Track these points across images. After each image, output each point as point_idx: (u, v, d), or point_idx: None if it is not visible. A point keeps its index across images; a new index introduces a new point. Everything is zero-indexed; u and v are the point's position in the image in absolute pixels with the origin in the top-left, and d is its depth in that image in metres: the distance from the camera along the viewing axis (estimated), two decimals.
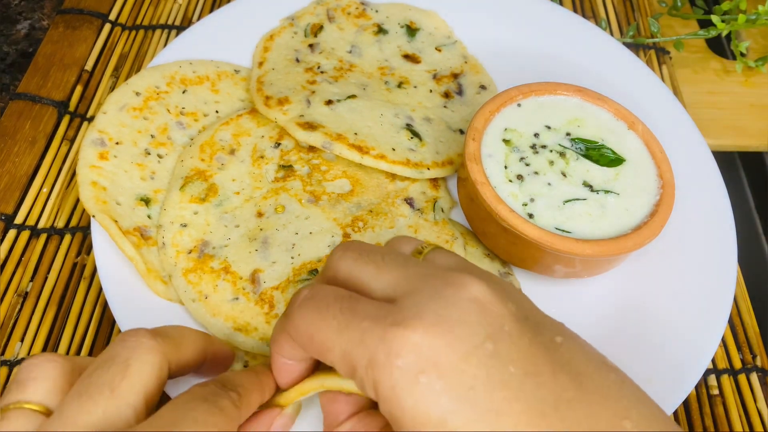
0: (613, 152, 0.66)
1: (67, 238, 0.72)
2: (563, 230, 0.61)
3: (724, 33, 0.88)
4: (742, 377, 0.67)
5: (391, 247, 0.50)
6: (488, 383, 0.36)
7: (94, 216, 0.63)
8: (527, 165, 0.65)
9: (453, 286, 0.40)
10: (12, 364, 0.64)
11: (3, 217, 0.73)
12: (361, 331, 0.39)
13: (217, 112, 0.76)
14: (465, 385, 0.36)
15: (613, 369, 0.41)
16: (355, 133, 0.71)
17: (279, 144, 0.72)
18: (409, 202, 0.69)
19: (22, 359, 0.64)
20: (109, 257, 0.63)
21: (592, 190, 0.64)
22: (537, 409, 0.36)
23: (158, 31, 0.91)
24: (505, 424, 0.36)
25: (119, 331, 0.65)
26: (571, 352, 0.40)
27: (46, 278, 0.69)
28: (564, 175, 0.65)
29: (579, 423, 0.36)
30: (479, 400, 0.36)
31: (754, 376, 0.67)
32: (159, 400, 0.44)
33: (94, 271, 0.69)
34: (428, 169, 0.70)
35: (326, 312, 0.41)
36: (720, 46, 0.99)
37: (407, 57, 0.82)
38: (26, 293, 0.68)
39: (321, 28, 0.83)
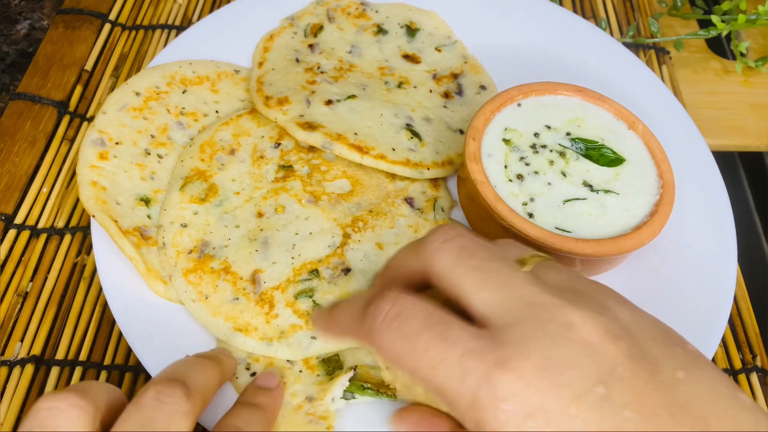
0: (613, 152, 0.66)
1: (67, 238, 0.72)
2: (563, 230, 0.61)
3: (724, 33, 0.88)
4: (742, 377, 0.67)
5: (497, 247, 0.45)
6: (601, 428, 0.34)
7: (94, 216, 0.63)
8: (527, 164, 0.65)
9: (560, 323, 0.37)
10: (12, 364, 0.64)
11: (3, 217, 0.73)
12: (462, 369, 0.36)
13: (217, 112, 0.76)
14: (576, 430, 0.35)
15: (748, 406, 0.37)
16: (355, 133, 0.71)
17: (279, 144, 0.72)
18: (409, 201, 0.69)
19: (22, 359, 0.64)
20: (109, 257, 0.63)
21: (592, 190, 0.64)
22: None
23: (158, 31, 0.91)
24: None
25: (119, 331, 0.66)
26: (696, 389, 0.37)
27: (46, 278, 0.69)
28: (564, 174, 0.65)
29: None
30: None
31: (754, 376, 0.67)
32: None
33: (94, 271, 0.69)
34: (428, 169, 0.70)
35: (416, 340, 0.38)
36: (720, 46, 0.99)
37: (407, 57, 0.82)
38: (26, 293, 0.68)
39: (321, 28, 0.83)
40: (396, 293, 0.42)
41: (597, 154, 0.66)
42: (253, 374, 0.58)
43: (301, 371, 0.59)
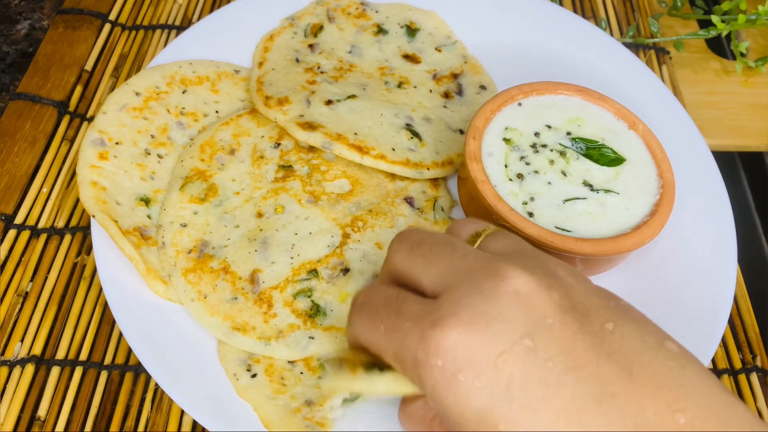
0: (614, 152, 0.66)
1: (67, 238, 0.72)
2: (563, 229, 0.61)
3: (724, 33, 0.88)
4: (742, 377, 0.67)
5: (450, 232, 0.49)
6: (525, 381, 0.36)
7: (94, 216, 0.63)
8: (527, 164, 0.65)
9: (493, 278, 0.39)
10: (12, 364, 0.64)
11: (3, 217, 0.73)
12: (404, 333, 0.39)
13: (217, 112, 0.76)
14: (501, 384, 0.36)
15: (675, 354, 0.38)
16: (355, 133, 0.71)
17: (279, 144, 0.72)
18: (409, 201, 0.69)
19: (22, 359, 0.64)
20: (109, 257, 0.63)
21: (592, 190, 0.64)
22: (576, 405, 0.35)
23: (158, 31, 0.91)
24: (542, 422, 0.35)
25: (119, 331, 0.66)
26: (623, 339, 0.38)
27: (46, 278, 0.69)
28: (564, 174, 0.65)
29: (623, 417, 0.35)
30: (515, 398, 0.36)
31: (754, 376, 0.67)
32: None
33: (94, 271, 0.69)
34: (428, 169, 0.70)
35: (376, 317, 0.42)
36: (720, 46, 0.99)
37: (407, 57, 0.82)
38: (26, 293, 0.68)
39: (321, 28, 0.83)
40: (369, 286, 0.46)
41: (597, 153, 0.66)
42: (254, 375, 0.58)
43: (302, 373, 0.59)
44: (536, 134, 0.67)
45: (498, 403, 0.36)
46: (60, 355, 0.65)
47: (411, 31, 0.84)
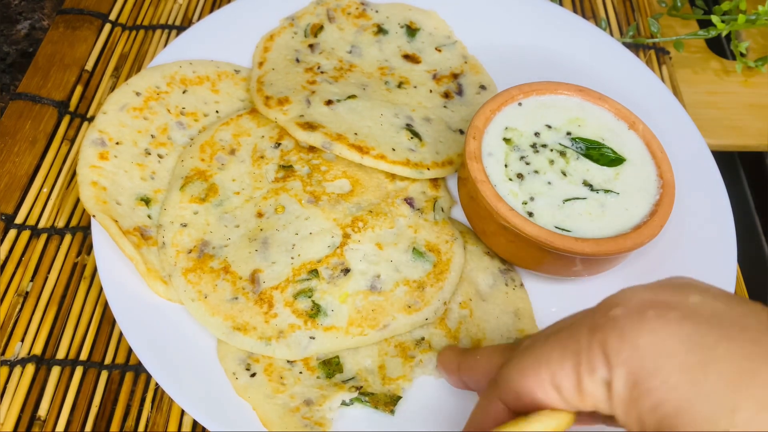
0: (614, 152, 0.66)
1: (68, 238, 0.72)
2: (563, 229, 0.61)
3: (724, 33, 0.88)
4: None
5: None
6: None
7: (94, 216, 0.63)
8: (527, 164, 0.65)
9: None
10: (12, 364, 0.64)
11: (3, 217, 0.73)
12: (570, 334, 0.40)
13: (217, 112, 0.76)
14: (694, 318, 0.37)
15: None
16: (355, 133, 0.71)
17: (279, 144, 0.72)
18: (409, 202, 0.69)
19: (23, 359, 0.64)
20: (110, 257, 0.63)
21: (592, 190, 0.64)
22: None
23: (158, 31, 0.91)
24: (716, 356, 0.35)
25: (119, 330, 0.66)
26: None
27: (46, 278, 0.69)
28: (564, 174, 0.65)
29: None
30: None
31: None
32: None
33: (95, 271, 0.69)
34: (428, 169, 0.70)
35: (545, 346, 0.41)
36: (720, 46, 0.99)
37: (407, 57, 0.82)
38: (26, 293, 0.68)
39: (321, 28, 0.83)
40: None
41: (597, 153, 0.66)
42: (253, 375, 0.58)
43: (301, 372, 0.59)
44: (536, 134, 0.67)
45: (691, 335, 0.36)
46: (60, 354, 0.65)
47: (411, 31, 0.84)
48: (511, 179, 0.64)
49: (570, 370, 0.39)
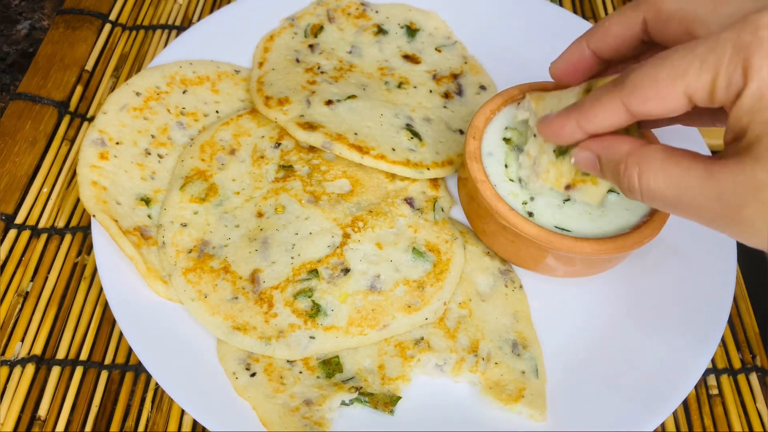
0: None
1: (68, 238, 0.72)
2: (563, 229, 0.61)
3: None
4: (741, 377, 0.67)
5: None
6: None
7: (94, 216, 0.63)
8: None
9: None
10: (12, 364, 0.64)
11: (3, 217, 0.73)
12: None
13: (217, 112, 0.76)
14: None
15: None
16: (355, 133, 0.71)
17: (279, 144, 0.72)
18: (409, 201, 0.70)
19: (23, 359, 0.64)
20: (110, 257, 0.63)
21: None
22: None
23: (158, 32, 0.91)
24: None
25: (119, 330, 0.66)
26: None
27: (46, 278, 0.69)
28: None
29: None
30: None
31: (753, 376, 0.67)
32: None
33: (94, 271, 0.69)
34: (428, 169, 0.70)
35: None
36: None
37: (407, 57, 0.82)
38: (26, 293, 0.68)
39: (321, 28, 0.83)
40: None
41: None
42: (253, 375, 0.58)
43: (301, 372, 0.60)
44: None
45: None
46: (60, 354, 0.65)
47: (411, 31, 0.84)
48: (511, 179, 0.64)
49: (707, 82, 0.42)
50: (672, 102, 0.45)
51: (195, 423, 0.62)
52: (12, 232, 0.72)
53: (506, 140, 0.66)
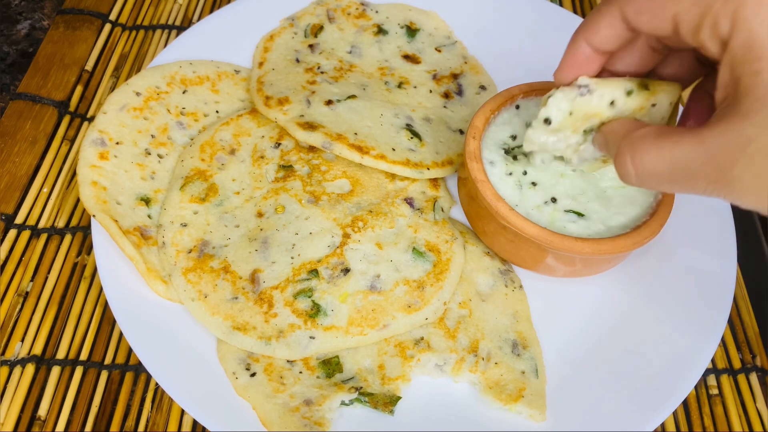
0: None
1: (68, 238, 0.72)
2: (576, 213, 0.61)
3: None
4: (741, 377, 0.67)
5: None
6: None
7: (94, 216, 0.63)
8: (528, 164, 0.65)
9: None
10: (12, 364, 0.64)
11: (3, 217, 0.73)
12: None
13: (217, 112, 0.76)
14: None
15: None
16: (355, 133, 0.71)
17: (279, 144, 0.72)
18: (409, 201, 0.70)
19: (23, 359, 0.64)
20: (110, 257, 0.63)
21: None
22: None
23: (158, 32, 0.91)
24: None
25: (119, 330, 0.66)
26: None
27: (46, 278, 0.69)
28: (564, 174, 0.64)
29: None
30: None
31: (753, 376, 0.67)
32: None
33: (94, 271, 0.69)
34: (428, 169, 0.70)
35: None
36: None
37: (407, 57, 0.82)
38: (26, 293, 0.68)
39: (321, 28, 0.83)
40: None
41: None
42: (253, 375, 0.58)
43: (301, 372, 0.60)
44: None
45: None
46: (60, 354, 0.65)
47: (411, 31, 0.84)
48: (510, 174, 0.63)
49: (695, 16, 0.43)
50: (660, 21, 0.45)
51: (195, 423, 0.62)
52: (12, 232, 0.72)
53: (507, 147, 0.66)
